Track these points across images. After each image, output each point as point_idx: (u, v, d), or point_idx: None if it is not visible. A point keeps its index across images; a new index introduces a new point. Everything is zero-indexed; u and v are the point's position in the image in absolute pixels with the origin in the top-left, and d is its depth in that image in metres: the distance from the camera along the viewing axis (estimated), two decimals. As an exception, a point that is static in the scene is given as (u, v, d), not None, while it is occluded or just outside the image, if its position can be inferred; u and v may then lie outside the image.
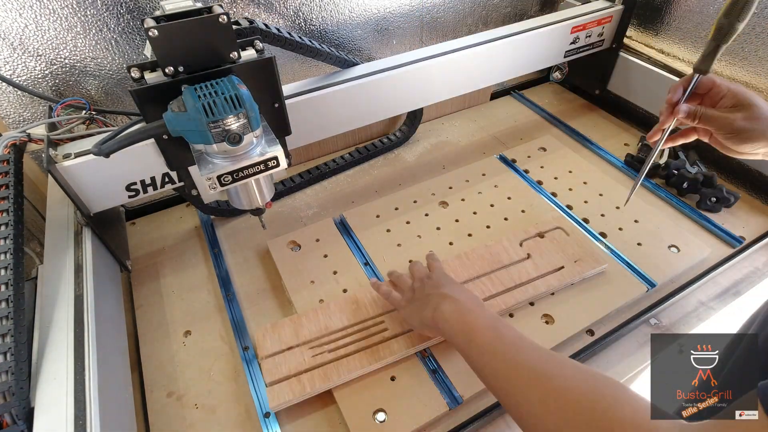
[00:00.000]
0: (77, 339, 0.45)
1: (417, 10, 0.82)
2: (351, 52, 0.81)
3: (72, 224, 0.57)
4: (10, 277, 0.42)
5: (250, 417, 0.51)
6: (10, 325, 0.40)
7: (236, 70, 0.47)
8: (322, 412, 0.52)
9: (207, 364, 0.56)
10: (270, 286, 0.65)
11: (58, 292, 0.49)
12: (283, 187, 0.79)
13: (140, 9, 0.61)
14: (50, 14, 0.56)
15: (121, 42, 0.62)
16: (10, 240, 0.44)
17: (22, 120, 0.63)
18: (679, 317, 0.60)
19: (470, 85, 0.78)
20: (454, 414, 0.51)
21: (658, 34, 0.87)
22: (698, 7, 0.79)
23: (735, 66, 0.77)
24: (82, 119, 0.57)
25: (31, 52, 0.58)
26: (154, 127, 0.44)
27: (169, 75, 0.44)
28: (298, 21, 0.72)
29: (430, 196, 0.77)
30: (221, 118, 0.40)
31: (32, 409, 0.39)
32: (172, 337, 0.59)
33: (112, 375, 0.48)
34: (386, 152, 0.89)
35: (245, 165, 0.43)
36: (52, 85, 0.61)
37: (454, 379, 0.52)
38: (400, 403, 0.50)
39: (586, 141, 0.89)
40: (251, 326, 0.60)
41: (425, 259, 0.61)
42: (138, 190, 0.57)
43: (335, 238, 0.69)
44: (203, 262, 0.69)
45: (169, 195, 0.78)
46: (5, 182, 0.48)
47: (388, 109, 0.73)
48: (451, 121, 0.97)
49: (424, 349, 0.55)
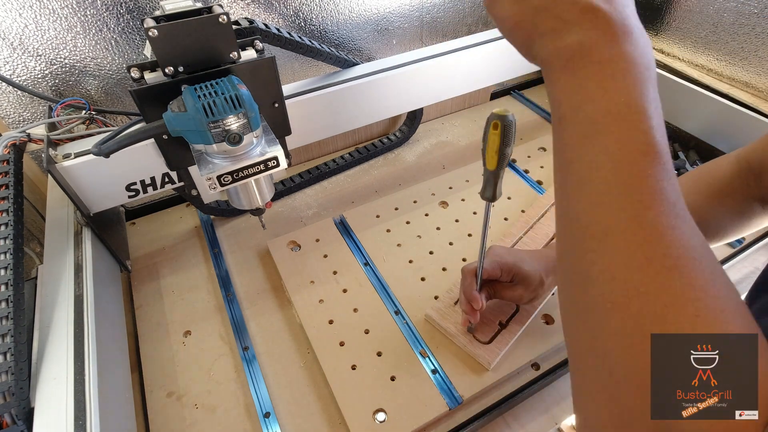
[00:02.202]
0: (77, 339, 0.45)
1: (417, 10, 0.82)
2: (351, 52, 0.81)
3: (72, 224, 0.57)
4: (10, 277, 0.42)
5: (250, 417, 0.51)
6: (10, 325, 0.40)
7: (236, 70, 0.47)
8: (322, 412, 0.52)
9: (207, 364, 0.56)
10: (270, 286, 0.65)
11: (58, 292, 0.49)
12: (283, 187, 0.79)
13: (140, 9, 0.61)
14: (50, 14, 0.56)
15: (121, 42, 0.62)
16: (10, 240, 0.44)
17: (22, 120, 0.63)
18: (679, 317, 0.60)
19: (470, 85, 0.78)
20: (454, 414, 0.51)
21: (658, 34, 0.87)
22: (698, 7, 0.79)
23: (735, 66, 0.77)
24: (82, 119, 0.57)
25: (31, 52, 0.58)
26: (154, 127, 0.44)
27: (169, 75, 0.44)
28: (298, 21, 0.72)
29: (430, 196, 0.77)
30: (221, 118, 0.40)
31: (32, 410, 0.39)
32: (172, 337, 0.59)
33: (112, 375, 0.48)
34: (386, 152, 0.89)
35: (245, 165, 0.43)
36: (52, 85, 0.61)
37: (454, 379, 0.52)
38: (400, 403, 0.50)
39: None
40: (251, 326, 0.60)
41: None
42: (138, 190, 0.57)
43: (335, 238, 0.69)
44: (203, 262, 0.69)
45: (169, 195, 0.78)
46: (5, 182, 0.48)
47: (388, 109, 0.73)
48: (451, 121, 0.97)
49: (424, 349, 0.55)
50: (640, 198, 0.22)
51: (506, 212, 0.73)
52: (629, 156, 0.23)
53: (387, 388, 0.52)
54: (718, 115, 0.77)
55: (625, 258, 0.22)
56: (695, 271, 0.22)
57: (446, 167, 0.84)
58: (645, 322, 0.21)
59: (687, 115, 0.83)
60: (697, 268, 0.22)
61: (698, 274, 0.22)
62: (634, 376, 0.21)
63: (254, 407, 0.52)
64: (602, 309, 0.22)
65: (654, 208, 0.22)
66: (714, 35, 0.78)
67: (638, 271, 0.22)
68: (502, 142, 0.40)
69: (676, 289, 0.21)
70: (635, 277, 0.22)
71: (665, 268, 0.21)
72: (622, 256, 0.22)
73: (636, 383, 0.21)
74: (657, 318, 0.21)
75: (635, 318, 0.21)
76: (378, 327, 0.58)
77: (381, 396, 0.51)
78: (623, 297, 0.22)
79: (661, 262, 0.22)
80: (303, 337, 0.58)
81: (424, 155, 0.88)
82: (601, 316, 0.22)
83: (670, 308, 0.21)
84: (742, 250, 0.66)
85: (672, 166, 0.24)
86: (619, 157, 0.23)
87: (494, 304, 0.57)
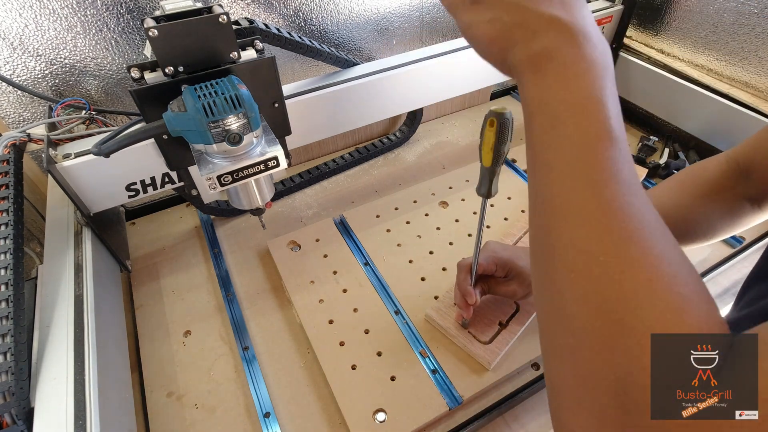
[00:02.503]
0: (77, 339, 0.45)
1: (417, 10, 0.82)
2: (351, 52, 0.81)
3: (72, 224, 0.57)
4: (10, 277, 0.42)
5: (250, 417, 0.51)
6: (10, 325, 0.40)
7: (236, 70, 0.47)
8: (322, 412, 0.52)
9: (207, 364, 0.56)
10: (270, 286, 0.65)
11: (58, 292, 0.49)
12: (283, 187, 0.79)
13: (140, 9, 0.61)
14: (50, 14, 0.56)
15: (121, 42, 0.62)
16: (10, 240, 0.44)
17: (22, 120, 0.63)
18: (679, 317, 0.60)
19: (470, 85, 0.78)
20: (454, 414, 0.51)
21: (658, 34, 0.87)
22: (698, 7, 0.79)
23: (735, 66, 0.77)
24: (82, 119, 0.57)
25: (31, 52, 0.58)
26: (154, 127, 0.44)
27: (169, 75, 0.44)
28: (298, 21, 0.72)
29: (430, 196, 0.77)
30: (221, 118, 0.40)
31: (32, 409, 0.39)
32: (172, 337, 0.59)
33: (112, 375, 0.48)
34: (386, 152, 0.89)
35: (245, 165, 0.43)
36: (52, 85, 0.61)
37: (454, 379, 0.52)
38: (400, 403, 0.50)
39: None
40: (251, 326, 0.60)
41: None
42: (138, 190, 0.57)
43: (335, 238, 0.69)
44: (203, 262, 0.69)
45: (169, 195, 0.78)
46: (5, 182, 0.48)
47: (388, 109, 0.73)
48: (451, 121, 0.97)
49: (424, 349, 0.55)
50: (598, 177, 0.25)
51: (506, 212, 0.73)
52: (588, 141, 0.26)
53: (387, 388, 0.52)
54: (718, 115, 0.77)
55: (586, 230, 0.25)
56: (650, 241, 0.24)
57: (446, 167, 0.84)
58: (603, 286, 0.23)
59: (687, 115, 0.83)
60: (651, 239, 0.24)
61: (653, 243, 0.24)
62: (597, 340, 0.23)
63: (254, 407, 0.52)
64: (566, 278, 0.25)
65: (610, 186, 0.25)
66: (714, 35, 0.78)
67: (598, 242, 0.24)
68: (498, 139, 0.40)
69: (632, 257, 0.23)
70: (595, 247, 0.24)
71: (622, 239, 0.24)
72: (583, 229, 0.25)
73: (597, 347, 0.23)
74: (614, 282, 0.23)
75: (595, 283, 0.24)
76: (378, 327, 0.58)
77: (381, 396, 0.51)
78: (584, 265, 0.24)
79: (618, 234, 0.24)
80: (303, 337, 0.58)
81: (424, 155, 0.88)
82: (566, 283, 0.25)
83: (626, 273, 0.23)
84: (742, 250, 0.67)
85: (628, 151, 0.27)
86: (580, 142, 0.26)
87: (494, 304, 0.58)
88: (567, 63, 0.27)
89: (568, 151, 0.26)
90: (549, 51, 0.28)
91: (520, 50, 0.29)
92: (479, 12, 0.31)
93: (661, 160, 0.81)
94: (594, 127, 0.26)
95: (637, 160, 0.81)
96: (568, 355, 0.25)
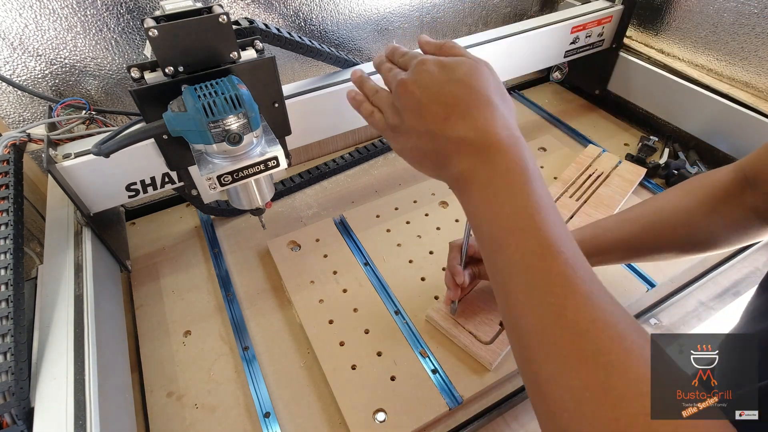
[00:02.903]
0: (77, 339, 0.45)
1: (417, 10, 0.82)
2: (351, 52, 0.81)
3: (72, 224, 0.57)
4: (10, 277, 0.42)
5: (250, 417, 0.51)
6: (10, 325, 0.40)
7: (236, 70, 0.47)
8: (322, 412, 0.52)
9: (207, 364, 0.56)
10: (270, 286, 0.65)
11: (58, 292, 0.49)
12: (283, 187, 0.79)
13: (140, 9, 0.61)
14: (50, 14, 0.56)
15: (121, 42, 0.62)
16: (10, 240, 0.44)
17: (22, 120, 0.63)
18: (679, 317, 0.60)
19: (470, 85, 0.78)
20: (454, 414, 0.51)
21: (658, 34, 0.87)
22: (698, 7, 0.79)
23: (735, 66, 0.77)
24: (82, 119, 0.57)
25: (31, 52, 0.58)
26: (154, 127, 0.44)
27: (169, 75, 0.44)
28: (298, 21, 0.72)
29: (430, 196, 0.77)
30: (221, 118, 0.40)
31: (32, 409, 0.39)
32: (172, 337, 0.59)
33: (112, 375, 0.48)
34: (386, 152, 0.89)
35: (245, 165, 0.43)
36: (52, 85, 0.61)
37: (454, 379, 0.52)
38: (400, 403, 0.50)
39: (586, 141, 0.89)
40: (251, 326, 0.60)
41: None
42: (138, 190, 0.57)
43: (335, 238, 0.69)
44: (203, 262, 0.69)
45: (169, 195, 0.78)
46: (5, 182, 0.48)
47: (388, 109, 0.73)
48: (451, 121, 0.97)
49: (424, 349, 0.55)
50: (554, 300, 0.24)
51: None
52: (531, 262, 0.25)
53: (387, 388, 0.52)
54: (718, 115, 0.77)
55: (561, 364, 0.23)
56: (630, 359, 0.22)
57: (446, 167, 0.84)
58: (601, 426, 0.22)
59: (687, 115, 0.83)
60: (631, 356, 0.22)
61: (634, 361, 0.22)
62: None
63: (254, 407, 0.52)
64: (561, 417, 0.23)
65: (569, 306, 0.24)
66: (714, 35, 0.78)
67: (576, 376, 0.23)
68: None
69: (619, 389, 0.22)
70: (575, 381, 0.23)
71: (601, 366, 0.22)
72: (558, 363, 0.24)
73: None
74: (611, 422, 0.21)
75: (591, 423, 0.22)
76: (378, 327, 0.58)
77: (381, 396, 0.51)
78: (573, 402, 0.23)
79: (595, 360, 0.22)
80: (303, 337, 0.58)
81: (424, 155, 0.88)
82: (565, 423, 0.23)
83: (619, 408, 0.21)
84: (742, 250, 0.67)
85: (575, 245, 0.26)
86: (523, 265, 0.26)
87: (495, 304, 0.57)
88: (484, 183, 0.28)
89: (516, 275, 0.26)
90: (465, 174, 0.29)
91: (445, 173, 0.31)
92: (402, 140, 0.33)
93: (661, 160, 0.81)
94: (530, 245, 0.26)
95: (637, 160, 0.81)
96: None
